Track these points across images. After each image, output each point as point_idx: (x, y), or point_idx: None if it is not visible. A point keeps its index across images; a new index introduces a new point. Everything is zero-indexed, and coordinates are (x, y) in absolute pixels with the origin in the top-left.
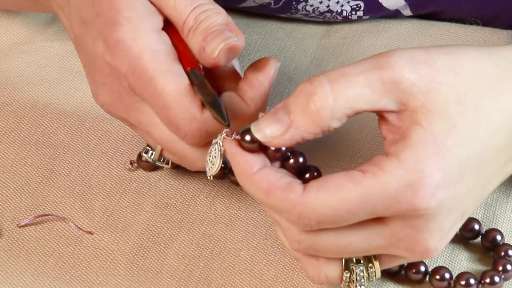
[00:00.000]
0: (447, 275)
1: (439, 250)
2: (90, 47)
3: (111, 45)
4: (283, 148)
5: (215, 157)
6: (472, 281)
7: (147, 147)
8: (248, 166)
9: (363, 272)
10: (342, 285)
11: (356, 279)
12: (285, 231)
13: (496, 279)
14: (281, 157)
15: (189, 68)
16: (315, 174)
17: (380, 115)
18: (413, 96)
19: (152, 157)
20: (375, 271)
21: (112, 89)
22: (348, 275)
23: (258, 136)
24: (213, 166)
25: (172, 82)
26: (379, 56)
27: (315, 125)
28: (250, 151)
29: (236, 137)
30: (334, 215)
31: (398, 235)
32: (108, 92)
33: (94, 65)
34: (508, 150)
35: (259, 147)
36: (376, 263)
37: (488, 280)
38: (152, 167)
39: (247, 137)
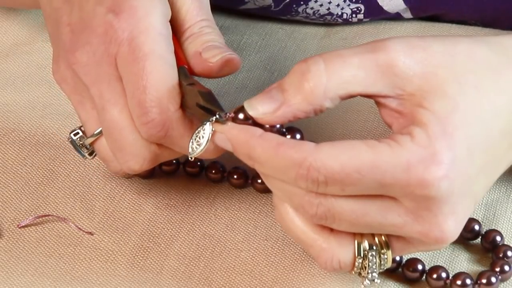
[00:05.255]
0: (443, 275)
1: (454, 235)
2: (91, 5)
3: (122, 8)
4: (278, 125)
5: (202, 137)
6: (468, 281)
7: (78, 129)
8: (253, 131)
9: (375, 259)
10: (353, 272)
11: (368, 265)
12: (301, 199)
13: (493, 279)
14: (276, 133)
15: (180, 66)
16: None
17: (377, 101)
18: (408, 80)
19: (80, 139)
20: (387, 259)
21: (95, 51)
22: (361, 261)
23: (251, 112)
24: (198, 147)
25: (162, 69)
26: (375, 41)
27: (307, 103)
28: None
29: (230, 115)
30: (342, 171)
31: (413, 214)
32: (89, 52)
33: (87, 22)
34: (511, 134)
35: (253, 125)
36: (389, 251)
37: (484, 281)
38: (148, 174)
39: (241, 115)
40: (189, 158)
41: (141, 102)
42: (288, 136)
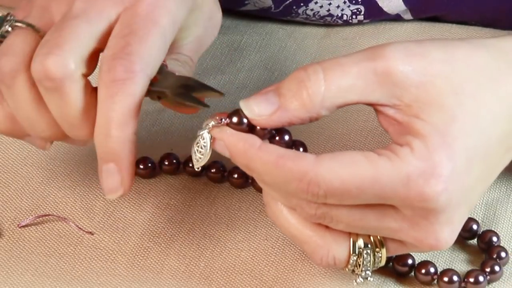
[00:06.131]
0: (432, 270)
1: (449, 243)
2: None
3: None
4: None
5: (203, 146)
6: (455, 278)
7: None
8: (251, 141)
9: (370, 257)
10: (347, 269)
11: (363, 263)
12: (300, 201)
13: (480, 278)
14: (267, 135)
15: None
16: (301, 149)
17: (375, 108)
18: (406, 90)
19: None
20: (381, 257)
21: None
22: (355, 259)
23: (246, 112)
24: (202, 157)
25: (161, 43)
26: (374, 47)
27: (304, 110)
28: None
29: (226, 121)
30: (342, 188)
31: (409, 221)
32: None
33: None
34: (508, 140)
35: (247, 129)
36: (383, 250)
37: (472, 280)
38: (149, 174)
39: (235, 119)
40: (196, 169)
41: (126, 46)
42: (277, 138)
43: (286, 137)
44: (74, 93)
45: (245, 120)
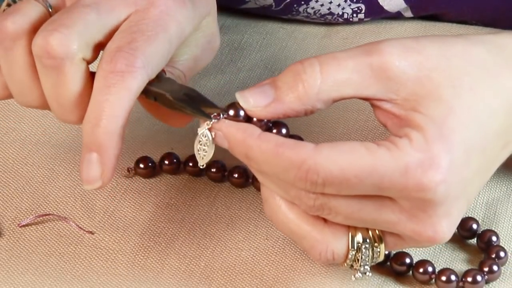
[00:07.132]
0: (430, 269)
1: (447, 236)
2: None
3: None
4: (265, 119)
5: (206, 144)
6: (453, 277)
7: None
8: (251, 130)
9: (368, 251)
10: (345, 264)
11: (361, 257)
12: (298, 192)
13: (478, 278)
14: (263, 127)
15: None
16: None
17: (371, 103)
18: (402, 84)
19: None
20: (379, 252)
21: None
22: (354, 253)
23: (242, 102)
24: (206, 154)
25: (166, 45)
26: (371, 43)
27: (300, 102)
28: None
29: (224, 116)
30: (341, 176)
31: (408, 213)
32: None
33: None
34: (506, 135)
35: (243, 121)
36: (382, 245)
37: (470, 279)
38: (150, 174)
39: (231, 111)
40: (200, 167)
41: (132, 42)
42: (274, 131)
43: (284, 131)
44: (71, 75)
45: (241, 113)
